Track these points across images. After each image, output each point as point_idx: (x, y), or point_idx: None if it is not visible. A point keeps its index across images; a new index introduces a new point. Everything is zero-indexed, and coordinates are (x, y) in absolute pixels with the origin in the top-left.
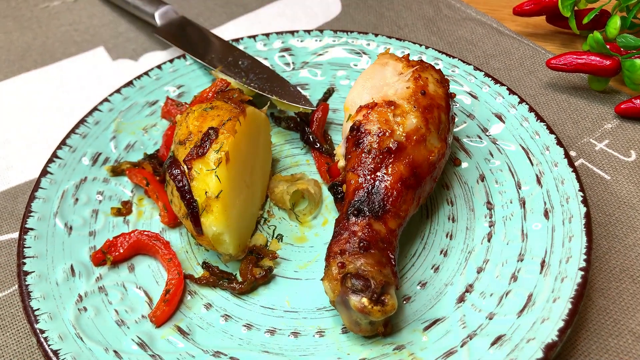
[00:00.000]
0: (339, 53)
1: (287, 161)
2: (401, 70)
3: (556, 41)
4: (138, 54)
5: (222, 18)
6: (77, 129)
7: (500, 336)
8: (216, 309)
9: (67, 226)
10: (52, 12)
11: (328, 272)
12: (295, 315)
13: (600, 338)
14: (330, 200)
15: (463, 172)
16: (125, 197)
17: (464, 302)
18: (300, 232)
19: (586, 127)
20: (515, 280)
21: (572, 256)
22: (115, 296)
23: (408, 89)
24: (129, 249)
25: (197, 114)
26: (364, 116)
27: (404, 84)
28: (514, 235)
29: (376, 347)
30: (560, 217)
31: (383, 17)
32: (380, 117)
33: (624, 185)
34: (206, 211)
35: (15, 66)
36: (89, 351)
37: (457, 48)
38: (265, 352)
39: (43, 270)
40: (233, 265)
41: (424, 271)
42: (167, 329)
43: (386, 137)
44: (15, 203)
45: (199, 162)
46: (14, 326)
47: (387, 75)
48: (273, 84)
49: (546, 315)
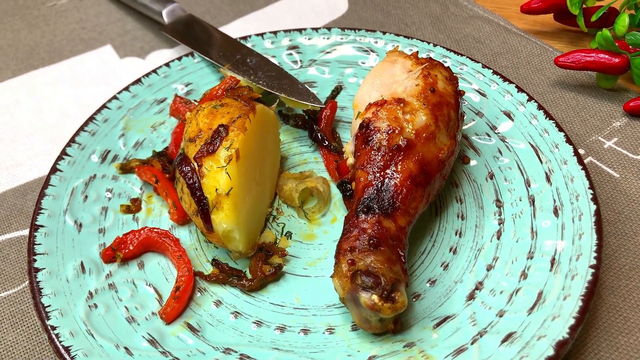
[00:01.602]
0: (347, 51)
1: (296, 159)
2: (410, 67)
3: (564, 39)
4: (145, 52)
5: (229, 16)
6: (86, 127)
7: (511, 334)
8: (226, 306)
9: (77, 223)
10: (60, 11)
11: (338, 269)
12: (305, 313)
13: (610, 336)
14: (339, 198)
15: (472, 170)
16: (134, 195)
17: (473, 299)
18: (309, 230)
19: (595, 125)
20: (525, 277)
21: (583, 254)
22: (125, 293)
23: (417, 87)
24: (139, 246)
25: (207, 112)
26: (373, 114)
27: (413, 81)
28: (523, 232)
29: (386, 344)
30: (570, 215)
31: (390, 15)
32: (390, 114)
33: (633, 183)
34: (216, 208)
35: (23, 64)
36: (99, 347)
37: (465, 46)
38: (276, 349)
39: (53, 267)
40: (242, 262)
41: (433, 269)
42: (177, 326)
43: (395, 134)
44: (25, 200)
45: (209, 159)
46: (25, 323)
47: (396, 73)
48: (281, 82)
49: (557, 313)
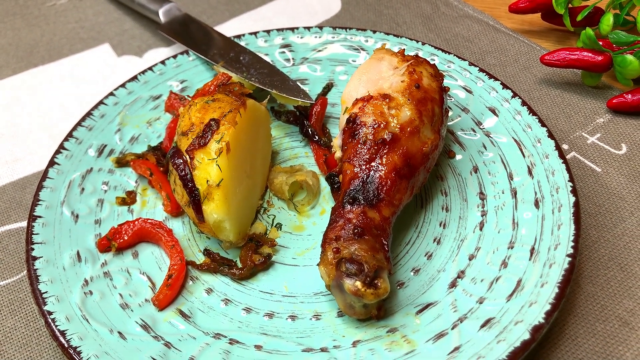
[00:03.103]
0: (338, 49)
1: (287, 153)
2: (396, 64)
3: (551, 38)
4: (142, 51)
5: (225, 15)
6: (84, 122)
7: (490, 319)
8: (217, 293)
9: (74, 214)
10: (59, 10)
11: (324, 257)
12: (292, 300)
13: (588, 323)
14: (328, 191)
15: (457, 164)
16: (129, 187)
17: (455, 287)
18: (298, 221)
19: (579, 121)
20: (505, 266)
21: (561, 243)
22: (119, 281)
23: (403, 83)
24: (133, 236)
25: (199, 106)
26: (360, 109)
27: (399, 77)
28: (505, 224)
29: (370, 329)
30: (550, 207)
31: (382, 14)
32: (376, 109)
33: (614, 177)
34: (207, 199)
35: (24, 62)
36: (94, 332)
37: (454, 45)
38: (264, 335)
39: (50, 256)
40: (233, 252)
41: (417, 258)
42: (169, 312)
43: (381, 128)
44: (24, 193)
45: (200, 152)
46: (23, 310)
47: (383, 69)
48: (273, 79)
49: (534, 299)
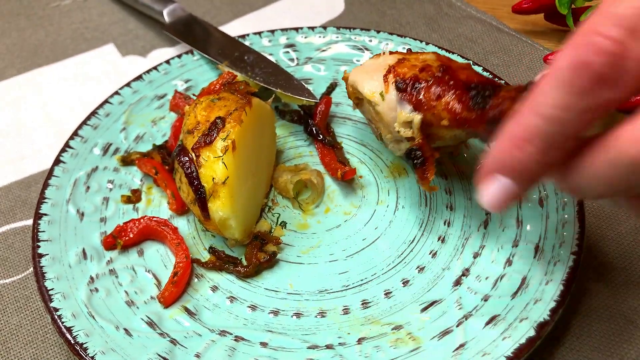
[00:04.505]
0: (342, 49)
1: (291, 152)
2: (392, 56)
3: (554, 38)
4: (147, 51)
5: (229, 16)
6: (89, 121)
7: (495, 316)
8: (222, 291)
9: (79, 212)
10: (64, 11)
11: None
12: (298, 298)
13: (592, 321)
14: (332, 190)
15: (461, 162)
16: (134, 186)
17: (460, 285)
18: (303, 220)
19: None
20: (510, 264)
21: (565, 241)
22: (125, 278)
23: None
24: (139, 234)
25: (204, 105)
26: (395, 74)
27: (399, 56)
28: (509, 222)
29: (375, 327)
30: (555, 205)
31: (385, 15)
32: (406, 67)
33: None
34: (213, 196)
35: (28, 62)
36: (100, 328)
37: (458, 45)
38: (269, 332)
39: (56, 253)
40: (238, 250)
41: (422, 256)
42: (175, 310)
43: (426, 71)
44: (29, 192)
45: (206, 150)
46: (28, 307)
47: (380, 59)
48: (278, 78)
49: (539, 297)
